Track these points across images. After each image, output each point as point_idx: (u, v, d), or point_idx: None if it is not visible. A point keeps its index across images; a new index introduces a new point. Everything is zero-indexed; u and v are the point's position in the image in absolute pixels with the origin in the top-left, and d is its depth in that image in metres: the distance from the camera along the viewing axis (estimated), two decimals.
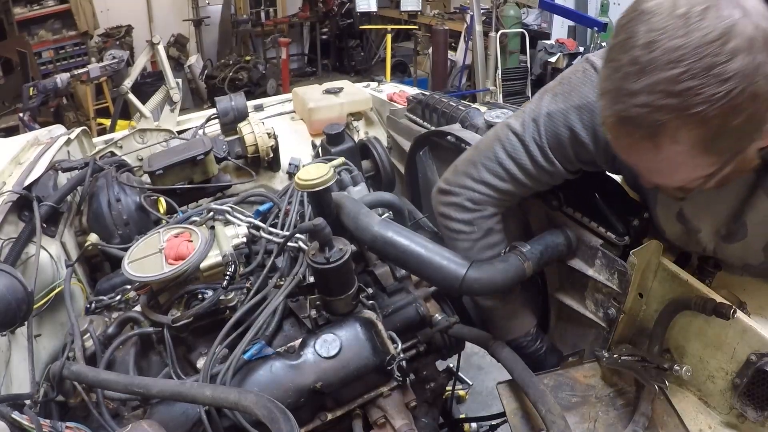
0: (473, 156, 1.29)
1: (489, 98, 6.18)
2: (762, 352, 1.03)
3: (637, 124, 0.79)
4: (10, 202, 1.47)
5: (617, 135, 0.85)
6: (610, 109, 0.82)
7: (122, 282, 1.46)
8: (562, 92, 1.15)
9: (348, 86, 2.66)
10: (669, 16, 0.74)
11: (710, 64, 0.72)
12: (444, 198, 1.34)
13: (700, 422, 1.14)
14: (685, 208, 1.13)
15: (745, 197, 1.03)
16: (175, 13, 8.32)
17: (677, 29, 0.73)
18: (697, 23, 0.73)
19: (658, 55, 0.74)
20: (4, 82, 6.59)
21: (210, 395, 0.97)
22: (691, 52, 0.72)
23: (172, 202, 1.78)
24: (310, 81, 8.66)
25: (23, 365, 1.22)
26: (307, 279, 1.33)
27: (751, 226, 1.04)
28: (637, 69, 0.76)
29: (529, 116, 1.19)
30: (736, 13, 0.73)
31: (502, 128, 1.25)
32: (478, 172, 1.26)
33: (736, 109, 0.74)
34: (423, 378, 1.49)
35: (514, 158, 1.21)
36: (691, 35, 0.72)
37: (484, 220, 1.30)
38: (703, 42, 0.72)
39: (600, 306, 1.37)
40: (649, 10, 0.77)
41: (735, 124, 0.75)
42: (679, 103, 0.74)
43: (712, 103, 0.73)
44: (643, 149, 0.83)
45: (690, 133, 0.76)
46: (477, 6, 6.15)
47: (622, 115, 0.80)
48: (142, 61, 3.32)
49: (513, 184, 1.25)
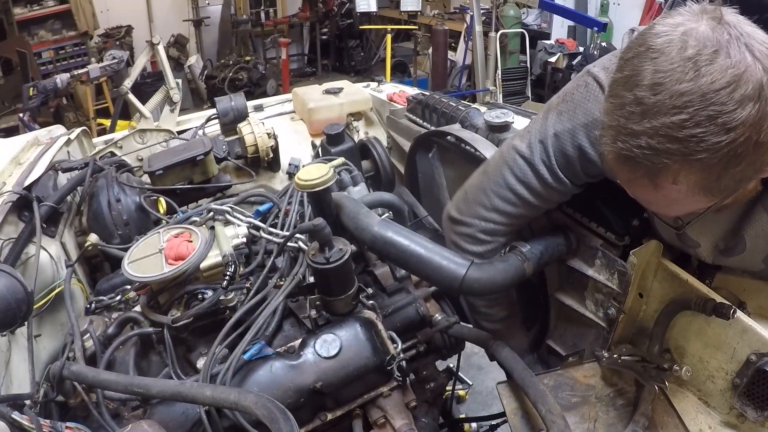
0: (483, 183, 1.29)
1: (489, 98, 6.18)
2: (762, 352, 1.03)
3: (638, 164, 0.78)
4: (10, 203, 1.47)
5: (617, 170, 0.84)
6: (611, 146, 0.81)
7: (122, 282, 1.46)
8: (566, 110, 1.13)
9: (348, 86, 2.66)
10: (677, 57, 0.72)
11: (716, 113, 0.70)
12: (456, 228, 1.34)
13: (700, 422, 1.14)
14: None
15: (743, 211, 1.02)
16: (175, 13, 8.32)
17: (685, 73, 0.71)
18: (705, 68, 0.71)
19: (664, 98, 0.72)
20: (4, 82, 6.59)
21: (210, 395, 0.97)
22: (697, 99, 0.70)
23: (172, 203, 1.78)
24: (310, 81, 8.67)
25: (23, 365, 1.22)
26: (307, 279, 1.33)
27: (750, 241, 1.04)
28: (642, 110, 0.75)
29: (536, 138, 1.18)
30: (746, 58, 0.71)
31: (509, 151, 1.24)
32: (490, 200, 1.26)
33: (739, 157, 0.72)
34: (423, 378, 1.50)
35: (524, 182, 1.21)
36: (699, 80, 0.71)
37: (495, 252, 1.32)
38: (711, 89, 0.70)
39: (600, 306, 1.37)
40: (657, 48, 0.75)
41: (737, 170, 0.75)
42: (681, 149, 0.73)
43: (715, 151, 0.72)
44: (642, 186, 0.83)
45: (690, 176, 0.76)
46: (477, 6, 6.15)
47: (624, 154, 0.79)
48: (142, 62, 3.32)
49: (525, 208, 1.25)
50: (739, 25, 0.74)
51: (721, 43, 0.72)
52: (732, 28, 0.73)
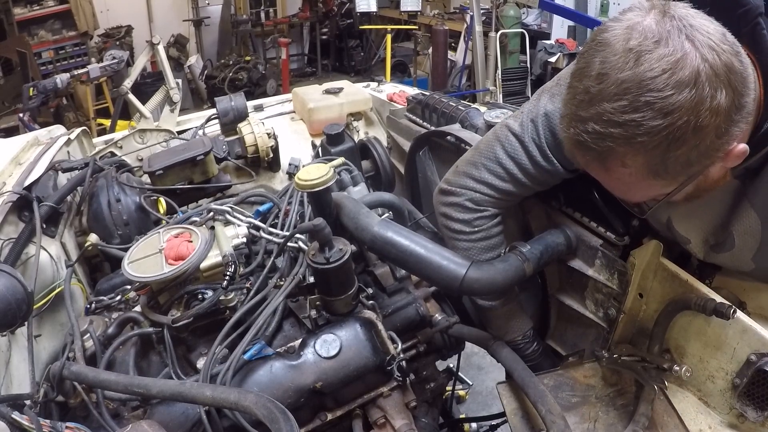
0: (474, 157, 1.30)
1: (489, 98, 6.18)
2: (762, 352, 1.03)
3: (588, 148, 0.84)
4: (10, 203, 1.47)
5: (574, 155, 0.91)
6: (565, 132, 0.89)
7: (122, 282, 1.46)
8: (559, 93, 1.15)
9: (348, 86, 2.66)
10: (621, 49, 0.78)
11: (653, 99, 0.75)
12: (445, 198, 1.34)
13: (700, 422, 1.14)
14: (672, 218, 1.13)
15: (730, 206, 1.03)
16: (175, 13, 8.32)
17: (626, 62, 0.77)
18: (644, 56, 0.76)
19: (607, 86, 0.78)
20: (4, 82, 6.60)
21: (210, 395, 0.97)
22: (635, 86, 0.76)
23: (172, 203, 1.78)
24: (310, 81, 8.67)
25: (23, 365, 1.22)
26: (307, 279, 1.33)
27: (738, 237, 1.04)
28: (589, 98, 0.81)
29: (528, 117, 1.20)
30: (684, 46, 0.75)
31: (501, 129, 1.26)
32: (479, 172, 1.27)
33: (679, 140, 0.77)
34: (423, 378, 1.50)
35: (513, 158, 1.22)
36: (637, 68, 0.76)
37: (485, 221, 1.31)
38: (648, 76, 0.75)
39: (600, 306, 1.37)
40: (605, 41, 0.81)
41: (678, 153, 0.79)
42: (622, 132, 0.79)
43: (653, 134, 0.77)
44: (596, 169, 0.90)
45: (635, 158, 0.82)
46: (477, 6, 6.15)
47: (576, 139, 0.85)
48: (142, 62, 3.33)
49: (513, 184, 1.25)
50: (686, 18, 0.78)
51: (662, 34, 0.77)
52: (677, 20, 0.78)
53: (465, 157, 1.34)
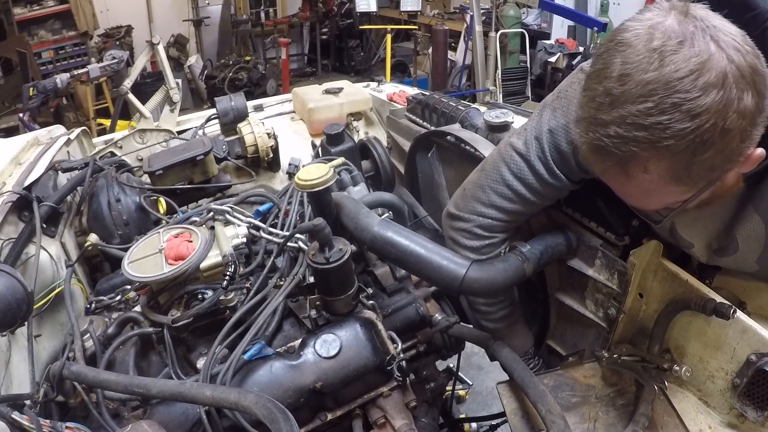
0: (480, 179, 1.29)
1: (489, 98, 6.18)
2: (762, 352, 1.03)
3: (609, 153, 0.80)
4: (10, 203, 1.47)
5: (592, 161, 0.87)
6: (584, 137, 0.84)
7: (122, 282, 1.46)
8: (560, 107, 1.15)
9: (348, 86, 2.65)
10: (643, 49, 0.75)
11: (680, 100, 0.72)
12: (454, 223, 1.34)
13: (700, 422, 1.14)
14: (676, 224, 1.13)
15: (734, 211, 1.02)
16: (175, 13, 8.32)
17: (650, 63, 0.74)
18: (670, 57, 0.73)
19: (630, 88, 0.75)
20: (4, 82, 6.60)
21: (210, 395, 0.97)
22: (662, 87, 0.73)
23: (172, 203, 1.78)
24: (310, 81, 8.67)
25: (23, 365, 1.22)
26: (307, 279, 1.33)
27: (742, 241, 1.04)
28: (610, 100, 0.77)
29: (531, 134, 1.19)
30: (710, 47, 0.73)
31: (505, 149, 1.25)
32: (487, 195, 1.26)
33: (706, 144, 0.74)
34: (423, 378, 1.50)
35: (520, 178, 1.21)
36: (663, 69, 0.73)
37: (493, 248, 1.31)
38: (675, 77, 0.72)
39: (600, 306, 1.37)
40: (626, 41, 0.78)
41: (704, 158, 0.76)
42: (647, 136, 0.75)
43: (681, 137, 0.74)
44: (615, 175, 0.86)
45: (659, 164, 0.78)
46: (477, 6, 6.15)
47: (595, 144, 0.81)
48: (142, 62, 3.33)
49: (522, 204, 1.25)
50: (707, 18, 0.76)
51: (686, 34, 0.74)
52: (699, 21, 0.76)
53: (471, 179, 1.33)
